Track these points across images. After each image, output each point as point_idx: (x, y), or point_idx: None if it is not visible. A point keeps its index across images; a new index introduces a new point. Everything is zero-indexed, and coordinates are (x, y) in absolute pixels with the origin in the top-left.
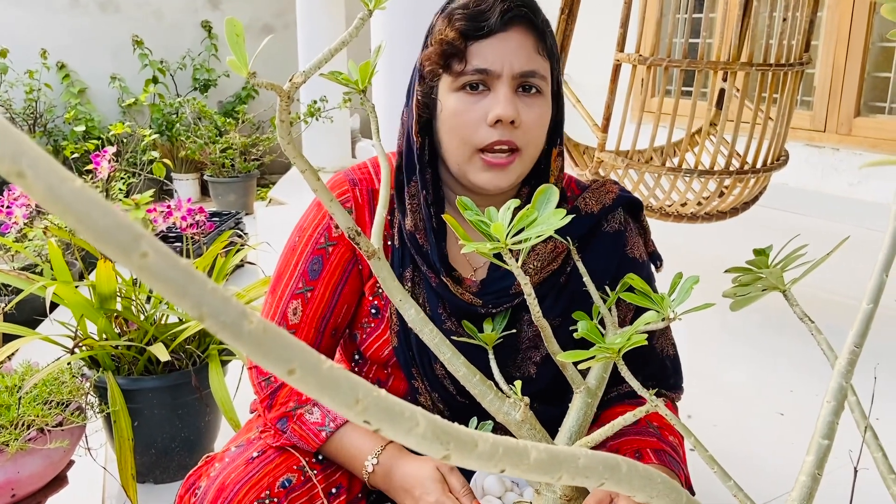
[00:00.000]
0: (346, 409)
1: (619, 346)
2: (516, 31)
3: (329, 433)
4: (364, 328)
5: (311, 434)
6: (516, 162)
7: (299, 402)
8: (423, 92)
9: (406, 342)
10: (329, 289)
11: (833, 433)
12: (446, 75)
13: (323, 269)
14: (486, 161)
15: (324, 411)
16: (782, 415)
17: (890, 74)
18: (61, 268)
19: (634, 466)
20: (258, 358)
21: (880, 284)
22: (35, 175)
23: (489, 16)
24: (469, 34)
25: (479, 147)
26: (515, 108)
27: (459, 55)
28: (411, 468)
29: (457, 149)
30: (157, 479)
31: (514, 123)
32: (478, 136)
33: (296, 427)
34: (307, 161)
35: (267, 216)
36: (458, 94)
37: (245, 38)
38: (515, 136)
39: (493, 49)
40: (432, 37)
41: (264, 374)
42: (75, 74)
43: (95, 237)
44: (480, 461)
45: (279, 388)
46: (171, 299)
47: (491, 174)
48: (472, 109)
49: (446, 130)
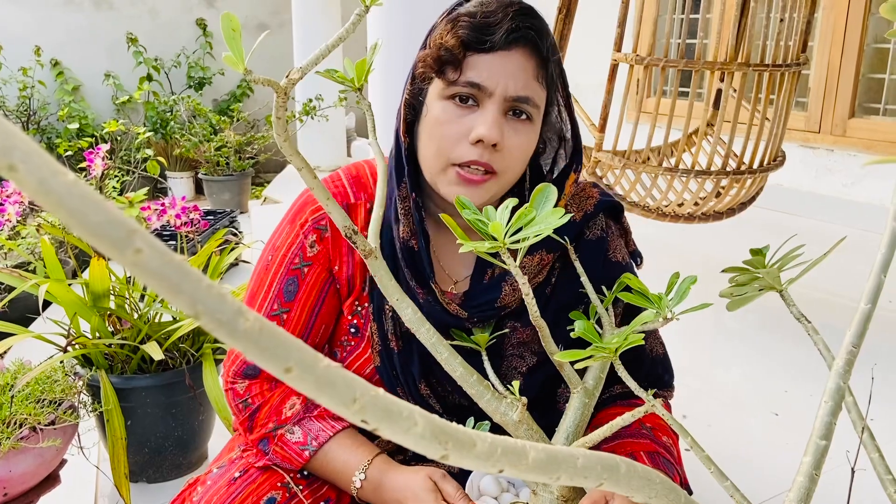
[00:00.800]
0: (344, 408)
1: (616, 346)
2: (519, 52)
3: (312, 452)
4: (344, 346)
5: (293, 454)
6: (490, 182)
7: (278, 422)
8: (412, 93)
9: (389, 362)
10: (306, 310)
11: (831, 434)
12: (438, 80)
13: (299, 291)
14: (460, 175)
15: (305, 430)
16: (777, 415)
17: (885, 76)
18: (54, 265)
19: (633, 467)
20: (255, 356)
21: (878, 285)
22: (27, 169)
23: (495, 31)
24: (470, 45)
25: (454, 162)
26: (501, 131)
27: (455, 63)
28: (402, 479)
29: (432, 157)
30: (151, 479)
31: (496, 146)
32: (456, 151)
33: (277, 448)
34: (304, 159)
35: (262, 215)
36: (446, 103)
37: (246, 34)
38: (493, 160)
39: (491, 66)
40: (431, 38)
41: (241, 395)
42: (69, 72)
43: (89, 233)
44: (479, 461)
45: (257, 409)
46: (165, 296)
47: (462, 189)
48: (456, 122)
49: (426, 136)
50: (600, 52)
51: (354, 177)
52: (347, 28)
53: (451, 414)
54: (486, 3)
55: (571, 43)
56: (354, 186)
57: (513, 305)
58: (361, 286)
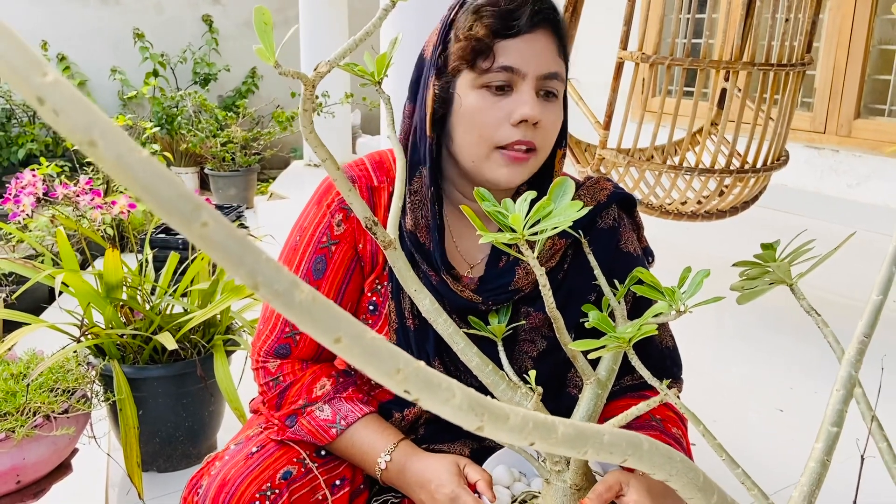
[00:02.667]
0: (387, 378)
1: (629, 336)
2: (542, 32)
3: (340, 430)
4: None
5: (320, 430)
6: (532, 160)
7: (308, 400)
8: (441, 86)
9: (405, 339)
10: (334, 287)
11: (842, 421)
12: (468, 71)
13: (327, 268)
14: (508, 156)
15: (334, 410)
16: (782, 411)
17: (890, 77)
18: (69, 256)
19: (656, 445)
20: (308, 326)
21: (890, 276)
22: (106, 145)
23: (519, 15)
24: (498, 32)
25: (498, 145)
26: (540, 109)
27: (487, 52)
28: (426, 462)
29: (474, 145)
30: (161, 468)
31: (536, 124)
32: (499, 134)
33: (305, 422)
34: (328, 150)
35: (268, 210)
36: (480, 92)
37: (251, 31)
38: (535, 137)
39: (520, 49)
40: (457, 32)
41: (272, 373)
42: (76, 67)
43: (160, 206)
44: (512, 434)
45: (288, 387)
46: (227, 267)
47: (510, 169)
48: (495, 108)
49: (464, 126)
50: (606, 50)
51: (377, 161)
52: (374, 22)
53: None
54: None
55: (577, 41)
56: (377, 170)
57: (526, 289)
58: (383, 264)
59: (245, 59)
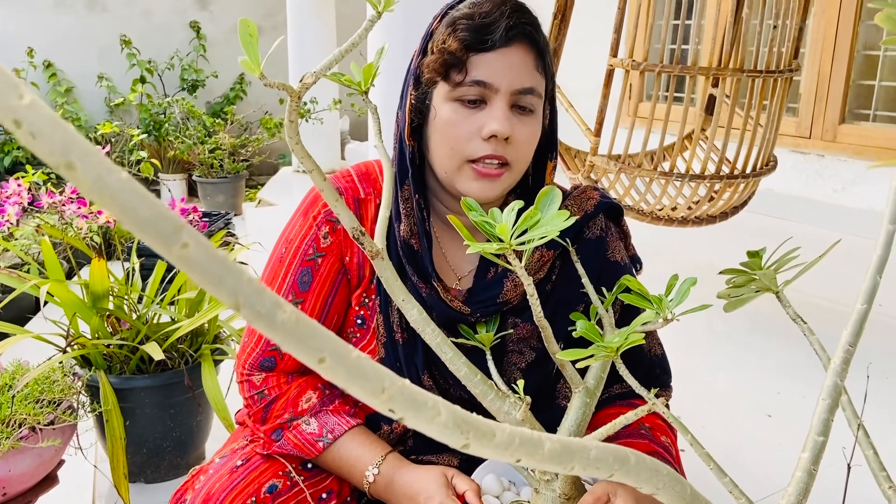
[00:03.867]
0: (372, 398)
1: (617, 345)
2: (518, 47)
3: (327, 444)
4: (349, 338)
5: (307, 443)
6: (505, 175)
7: (294, 413)
8: (418, 97)
9: (394, 352)
10: (320, 300)
11: (828, 430)
12: (443, 83)
13: (313, 281)
14: (477, 171)
15: (321, 423)
16: (770, 416)
17: (874, 82)
18: (54, 266)
19: (642, 458)
20: (291, 346)
21: (874, 286)
22: (84, 167)
23: (494, 30)
24: (472, 46)
25: (469, 158)
26: (511, 124)
27: (460, 66)
28: (414, 475)
29: (447, 157)
30: (149, 479)
31: (507, 140)
32: (470, 147)
33: (291, 436)
34: (314, 161)
35: (257, 217)
36: (454, 105)
37: (237, 39)
38: (507, 152)
39: (493, 64)
40: (433, 43)
41: (257, 387)
42: (62, 73)
43: (139, 227)
44: (498, 450)
45: (273, 401)
46: (208, 289)
47: (480, 184)
48: (466, 121)
49: (438, 138)
50: (595, 57)
51: (364, 173)
52: (360, 34)
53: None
54: (479, 3)
55: (566, 48)
56: (364, 182)
57: (514, 301)
58: (370, 277)
59: (233, 66)
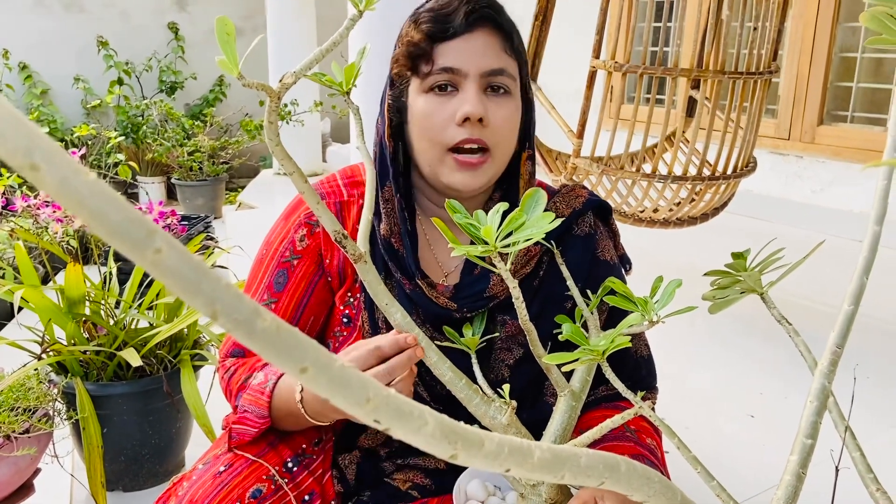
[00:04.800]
0: (357, 408)
1: (603, 348)
2: (481, 31)
3: (272, 386)
4: (336, 337)
5: (257, 394)
6: (488, 162)
7: (250, 373)
8: (394, 96)
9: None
10: (294, 301)
11: (817, 432)
12: (415, 78)
13: (288, 282)
14: (459, 161)
15: (265, 372)
16: (753, 417)
17: (852, 84)
18: (29, 271)
19: (632, 466)
20: (271, 356)
21: (861, 287)
22: (50, 169)
23: (453, 18)
24: (435, 36)
25: (448, 146)
26: (484, 106)
27: (426, 56)
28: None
29: (428, 150)
30: (127, 487)
31: (482, 122)
32: (447, 135)
33: (246, 396)
34: (295, 163)
35: (237, 220)
36: (427, 96)
37: (216, 41)
38: (485, 135)
39: (458, 49)
40: (399, 41)
41: (227, 368)
42: (38, 75)
43: (109, 232)
44: (487, 460)
45: (234, 371)
46: (183, 296)
47: (463, 174)
48: (440, 110)
49: (417, 132)
50: (576, 58)
51: (350, 176)
52: (341, 33)
53: (438, 403)
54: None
55: (547, 49)
56: (349, 185)
57: (501, 296)
58: (353, 277)
59: (212, 67)
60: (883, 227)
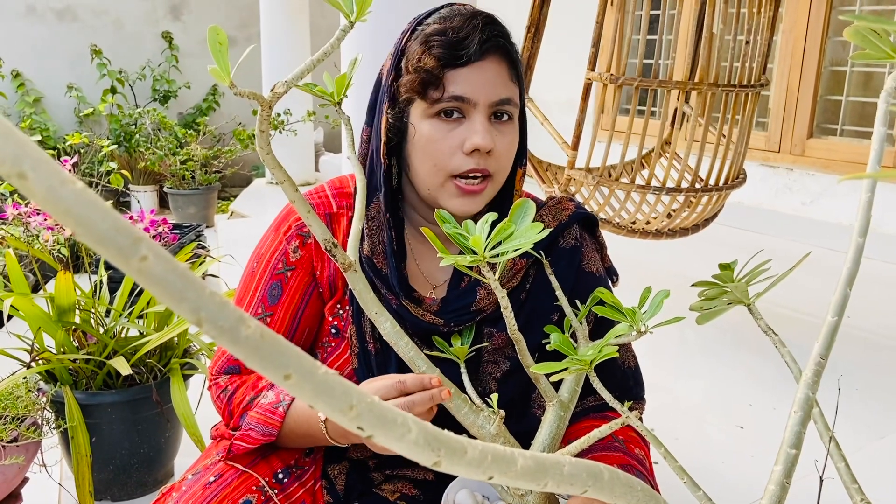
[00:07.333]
0: (341, 415)
1: (591, 359)
2: (492, 59)
3: (286, 408)
4: (325, 347)
5: (268, 413)
6: (488, 188)
7: (255, 393)
8: (395, 116)
9: (366, 363)
10: (289, 313)
11: (801, 443)
12: (420, 100)
13: (282, 294)
14: (460, 187)
15: (277, 391)
16: (741, 428)
17: (841, 98)
18: (19, 279)
19: (616, 474)
20: (255, 363)
21: (844, 298)
22: (37, 177)
23: (468, 45)
24: (448, 62)
25: (453, 174)
26: (492, 137)
27: (436, 83)
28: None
29: (429, 174)
30: (115, 497)
31: (489, 152)
32: (453, 163)
33: (254, 414)
34: (285, 172)
35: (229, 229)
36: (433, 121)
37: (209, 50)
38: (489, 164)
39: (470, 78)
40: (407, 62)
41: (222, 387)
42: (31, 83)
43: (96, 240)
44: (470, 468)
45: (235, 391)
46: (168, 304)
47: (463, 200)
48: (447, 137)
49: (419, 156)
50: (568, 70)
51: (338, 188)
52: (332, 43)
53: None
54: (449, 17)
55: (539, 61)
56: (337, 196)
57: (488, 310)
58: (343, 289)
59: (206, 77)
60: (867, 239)
